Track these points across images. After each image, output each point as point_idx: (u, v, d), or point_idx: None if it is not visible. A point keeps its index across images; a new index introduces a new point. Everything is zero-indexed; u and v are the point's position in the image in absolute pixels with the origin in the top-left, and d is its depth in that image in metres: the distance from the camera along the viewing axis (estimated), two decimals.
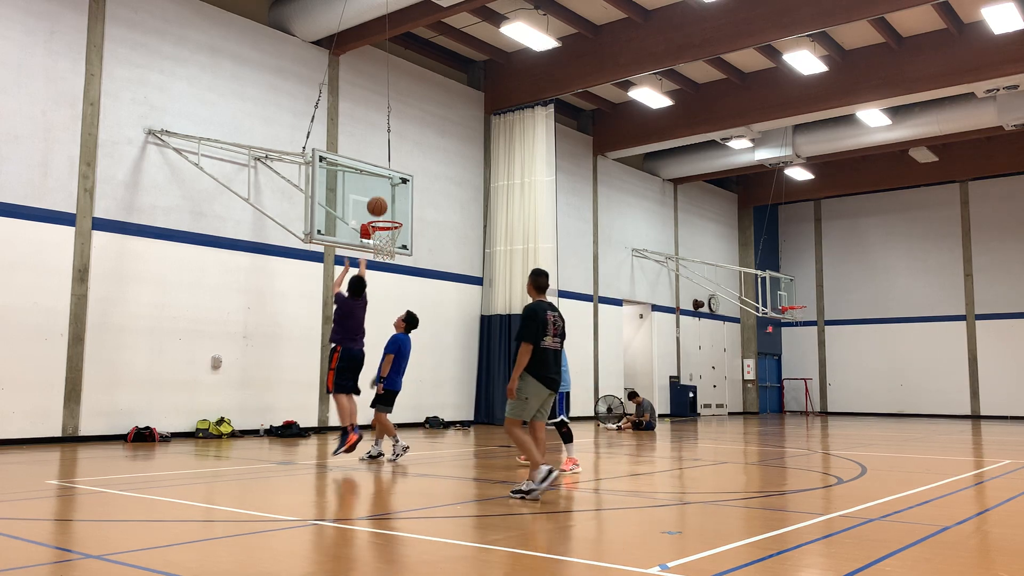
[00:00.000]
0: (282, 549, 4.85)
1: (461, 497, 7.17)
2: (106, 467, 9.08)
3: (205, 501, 6.69)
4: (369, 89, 16.41)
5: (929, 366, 26.66)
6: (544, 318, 6.78)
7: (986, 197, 26.18)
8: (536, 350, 6.70)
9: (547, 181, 18.26)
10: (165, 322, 13.01)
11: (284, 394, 14.53)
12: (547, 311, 6.85)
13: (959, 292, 26.43)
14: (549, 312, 6.86)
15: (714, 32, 16.09)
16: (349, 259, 9.74)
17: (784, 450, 12.33)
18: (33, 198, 11.67)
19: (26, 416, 11.42)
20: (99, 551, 4.63)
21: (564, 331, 6.97)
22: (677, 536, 5.29)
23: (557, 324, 6.87)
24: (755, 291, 26.54)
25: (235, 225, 14.08)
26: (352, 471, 8.87)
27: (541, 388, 6.75)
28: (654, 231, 24.56)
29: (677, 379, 24.50)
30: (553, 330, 6.80)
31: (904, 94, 17.84)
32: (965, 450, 12.85)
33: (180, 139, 13.22)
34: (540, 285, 7.09)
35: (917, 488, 7.65)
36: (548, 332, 6.74)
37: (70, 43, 12.21)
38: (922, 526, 5.59)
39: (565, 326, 7.03)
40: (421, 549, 4.79)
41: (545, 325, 6.76)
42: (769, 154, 22.67)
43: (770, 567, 4.37)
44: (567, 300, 20.21)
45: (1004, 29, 15.84)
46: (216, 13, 14.14)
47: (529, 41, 16.41)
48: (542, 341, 6.72)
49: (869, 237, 28.46)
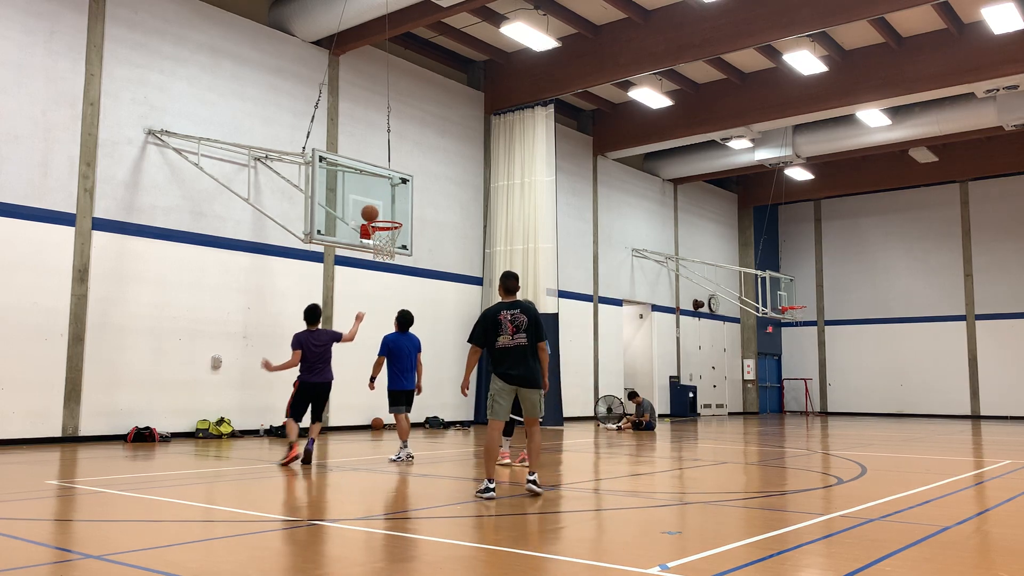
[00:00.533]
0: (282, 549, 4.85)
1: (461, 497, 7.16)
2: (106, 467, 9.08)
3: (205, 501, 6.69)
4: (369, 89, 16.41)
5: (929, 366, 26.66)
6: (496, 319, 6.92)
7: (986, 197, 26.18)
8: (493, 350, 6.90)
9: (547, 181, 18.26)
10: (165, 322, 13.01)
11: (284, 394, 14.46)
12: (501, 311, 6.96)
13: (959, 292, 26.43)
14: (505, 312, 6.95)
15: (714, 32, 16.08)
16: (361, 313, 10.02)
17: (784, 450, 12.33)
18: (33, 198, 11.68)
19: (26, 416, 11.42)
20: (99, 551, 4.63)
21: (529, 326, 6.90)
22: (677, 536, 5.29)
23: (516, 321, 6.91)
24: (755, 291, 26.54)
25: (235, 225, 14.08)
26: (352, 471, 8.87)
27: (503, 384, 6.90)
28: (654, 231, 24.56)
29: (677, 379, 24.50)
30: (511, 328, 6.88)
31: (904, 94, 17.85)
32: (965, 450, 12.85)
33: (180, 139, 13.22)
34: (508, 287, 7.21)
35: (917, 488, 7.65)
36: (502, 332, 6.87)
37: (70, 43, 12.21)
38: (922, 526, 5.59)
39: (532, 322, 6.92)
40: (421, 549, 4.79)
41: (497, 326, 6.90)
42: (769, 154, 22.67)
43: (770, 567, 4.37)
44: (567, 300, 20.22)
45: (1004, 29, 15.84)
46: (216, 13, 14.14)
47: (529, 41, 16.41)
48: (496, 341, 6.89)
49: (869, 237, 28.46)
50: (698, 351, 26.16)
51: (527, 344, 6.88)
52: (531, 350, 6.93)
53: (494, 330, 6.91)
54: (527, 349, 6.89)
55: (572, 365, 20.57)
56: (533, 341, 6.94)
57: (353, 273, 15.86)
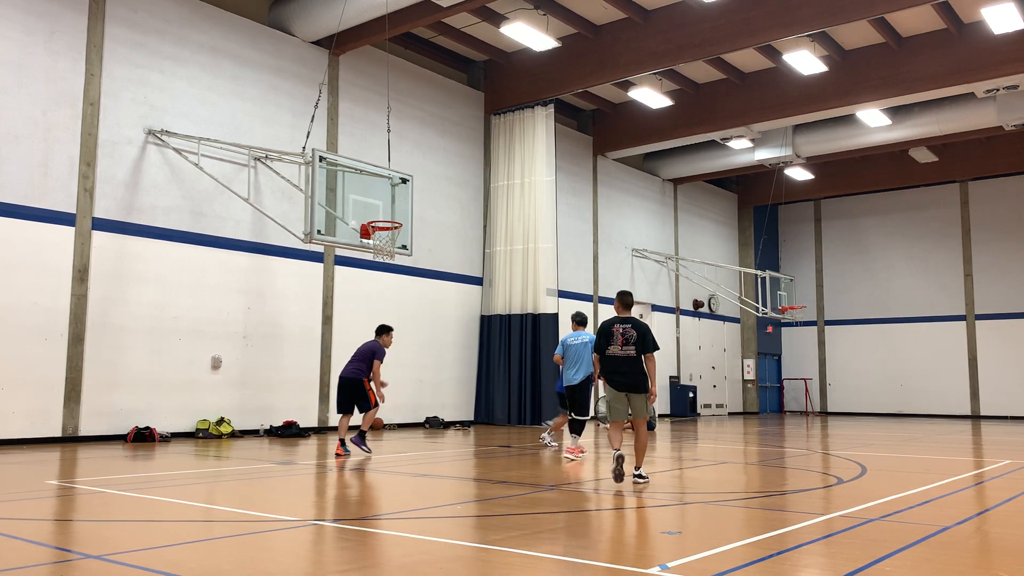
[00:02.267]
0: (282, 549, 4.85)
1: (461, 497, 7.17)
2: (106, 467, 9.08)
3: (205, 501, 6.69)
4: (369, 89, 16.41)
5: (929, 366, 26.65)
6: (609, 331, 8.00)
7: (986, 197, 26.17)
8: (603, 358, 7.98)
9: (547, 181, 18.26)
10: (165, 322, 13.01)
11: (284, 394, 14.53)
12: (614, 324, 8.02)
13: (959, 292, 26.43)
14: (617, 325, 8.00)
15: (714, 32, 16.08)
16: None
17: (784, 450, 12.33)
18: (33, 198, 11.68)
19: (26, 416, 11.42)
20: (99, 551, 4.63)
21: (635, 339, 7.89)
22: (677, 536, 5.29)
23: (626, 334, 7.96)
24: (755, 291, 26.54)
25: (235, 225, 14.08)
26: (352, 471, 8.87)
27: (610, 389, 7.94)
28: (654, 231, 24.56)
29: (677, 379, 24.50)
30: (621, 340, 7.92)
31: (904, 94, 17.84)
32: (965, 450, 12.85)
33: (180, 139, 13.22)
34: (625, 303, 8.31)
35: (917, 488, 7.65)
36: (613, 342, 7.94)
37: (70, 43, 12.21)
38: (922, 526, 5.59)
39: (638, 335, 7.92)
40: (421, 549, 4.79)
41: (610, 336, 7.95)
42: (769, 154, 22.67)
43: (770, 567, 4.37)
44: (567, 300, 20.20)
45: (1004, 29, 15.84)
46: (216, 13, 14.14)
47: (529, 41, 16.41)
48: (606, 350, 7.96)
49: (869, 237, 28.45)
50: (698, 351, 26.16)
51: (634, 355, 7.88)
52: (638, 360, 7.93)
53: (607, 340, 7.99)
54: (628, 359, 7.88)
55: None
56: (638, 352, 7.91)
57: (353, 273, 15.87)
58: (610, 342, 7.96)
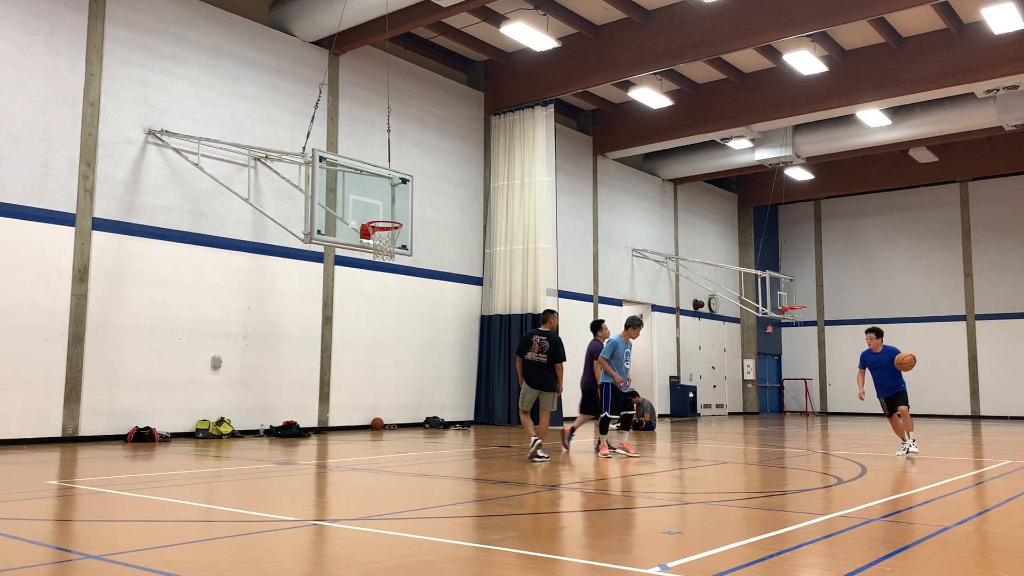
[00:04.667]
0: (282, 549, 4.85)
1: (461, 497, 7.17)
2: (106, 467, 9.08)
3: (205, 501, 6.69)
4: (369, 89, 16.41)
5: (929, 366, 26.59)
6: (530, 340, 10.02)
7: (986, 197, 26.17)
8: (523, 361, 10.04)
9: (547, 181, 18.26)
10: (165, 322, 13.01)
11: (284, 394, 14.53)
12: (534, 335, 10.01)
13: (959, 292, 26.43)
14: (536, 336, 10.01)
15: (714, 32, 16.09)
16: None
17: (784, 450, 12.33)
18: (33, 198, 11.68)
19: (26, 416, 11.42)
20: (99, 551, 4.63)
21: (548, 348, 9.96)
22: (677, 536, 5.29)
23: (542, 344, 10.00)
24: (755, 291, 26.53)
25: (235, 225, 14.08)
26: (352, 471, 8.87)
27: (526, 385, 10.00)
28: (654, 231, 24.56)
29: (677, 379, 24.50)
30: (537, 348, 9.95)
31: (904, 94, 17.84)
32: (965, 450, 12.85)
33: (180, 139, 13.22)
34: (544, 319, 10.51)
35: (917, 488, 7.65)
36: (531, 349, 10.01)
37: (70, 43, 12.21)
38: (922, 526, 5.59)
39: (551, 346, 9.98)
40: (421, 549, 4.79)
41: (529, 344, 10.07)
42: (769, 154, 22.66)
43: (770, 567, 4.37)
44: (567, 300, 20.22)
45: (1004, 29, 15.83)
46: (216, 13, 14.14)
47: (529, 41, 16.41)
48: (526, 355, 10.03)
49: (869, 237, 28.45)
50: (698, 351, 26.16)
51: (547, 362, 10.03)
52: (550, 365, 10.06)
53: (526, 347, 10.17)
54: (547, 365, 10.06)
55: (572, 365, 20.50)
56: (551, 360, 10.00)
57: (353, 273, 15.87)
58: (529, 349, 9.94)
